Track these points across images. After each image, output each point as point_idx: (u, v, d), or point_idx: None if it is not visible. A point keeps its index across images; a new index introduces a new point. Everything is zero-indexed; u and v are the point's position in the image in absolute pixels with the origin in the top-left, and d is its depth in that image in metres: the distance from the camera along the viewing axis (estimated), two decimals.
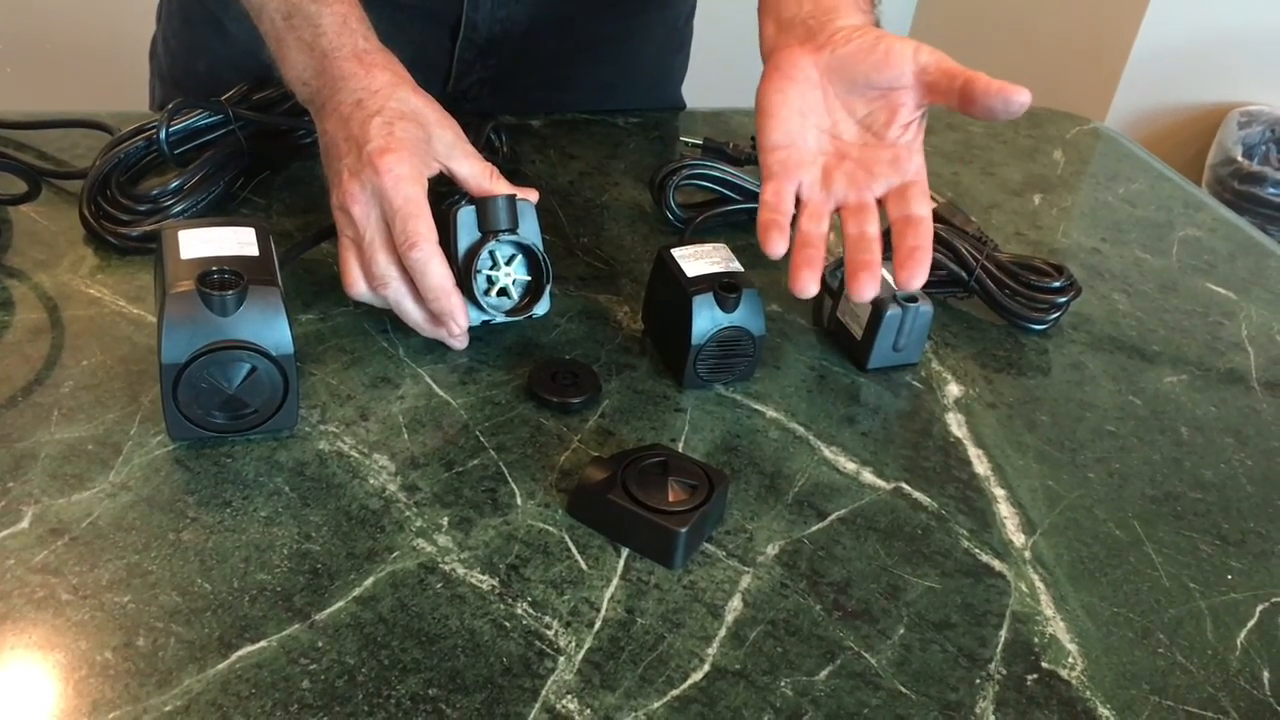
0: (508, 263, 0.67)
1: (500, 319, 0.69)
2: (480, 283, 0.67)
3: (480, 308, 0.67)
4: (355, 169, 0.64)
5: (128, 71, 1.16)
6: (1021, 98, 0.60)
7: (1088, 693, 0.53)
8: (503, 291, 0.68)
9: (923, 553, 0.60)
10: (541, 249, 0.68)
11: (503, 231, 0.66)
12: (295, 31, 0.69)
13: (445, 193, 0.68)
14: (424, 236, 0.63)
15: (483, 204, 0.66)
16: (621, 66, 1.04)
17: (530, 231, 0.68)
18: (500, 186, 0.68)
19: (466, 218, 0.66)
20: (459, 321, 0.66)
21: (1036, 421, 0.71)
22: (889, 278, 0.73)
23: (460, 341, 0.68)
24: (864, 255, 0.61)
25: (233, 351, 0.57)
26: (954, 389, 0.73)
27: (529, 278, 0.68)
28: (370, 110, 0.65)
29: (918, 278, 0.60)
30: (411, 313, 0.66)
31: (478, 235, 0.66)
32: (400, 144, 0.64)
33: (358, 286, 0.66)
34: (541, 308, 0.69)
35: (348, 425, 0.63)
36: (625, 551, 0.57)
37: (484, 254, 0.66)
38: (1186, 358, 0.80)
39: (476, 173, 0.68)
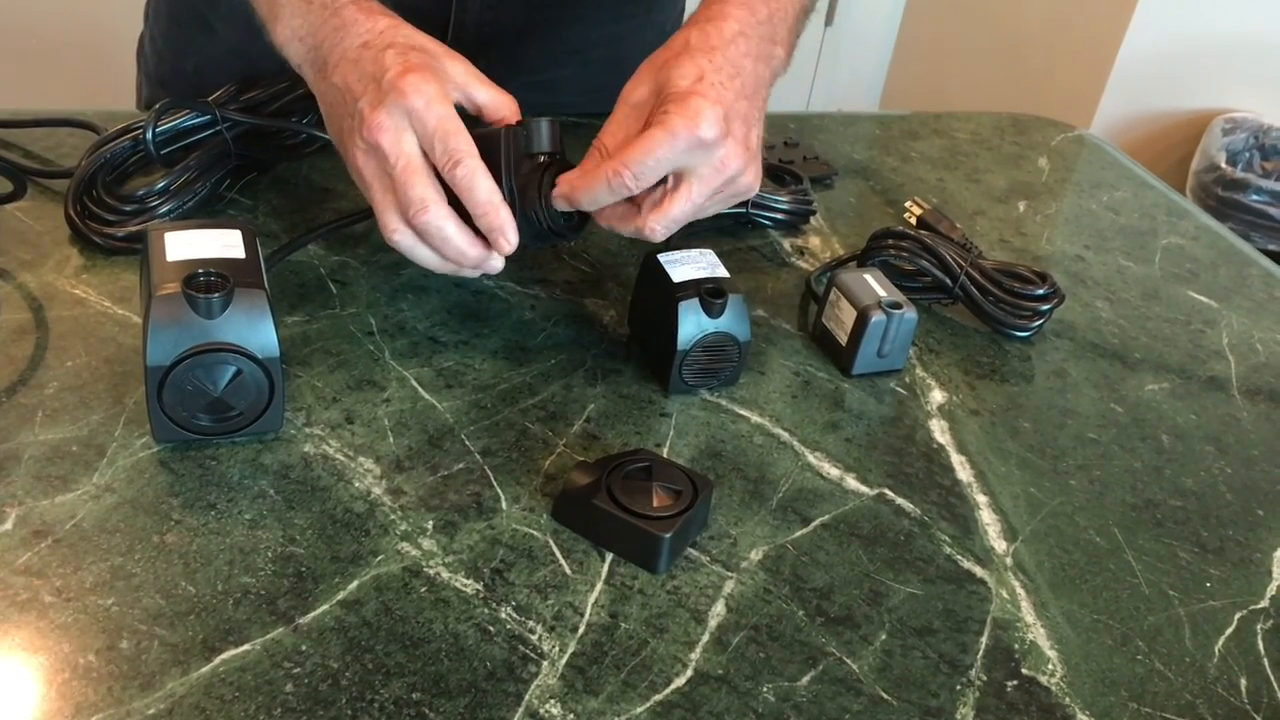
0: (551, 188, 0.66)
1: (541, 244, 0.68)
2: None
3: (531, 230, 0.66)
4: (377, 100, 0.62)
5: (114, 71, 1.16)
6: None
7: (1067, 699, 0.54)
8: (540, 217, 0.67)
9: (905, 559, 0.60)
10: None
11: (548, 154, 0.65)
12: None
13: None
14: (467, 152, 0.62)
15: (529, 126, 0.65)
16: (611, 69, 1.04)
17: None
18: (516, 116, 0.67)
19: (512, 139, 0.65)
20: (510, 237, 0.64)
21: (1019, 428, 0.72)
22: (876, 285, 0.74)
23: (499, 263, 0.67)
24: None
25: (218, 354, 0.57)
26: (937, 395, 0.74)
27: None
28: (380, 46, 0.64)
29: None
30: (454, 238, 0.64)
31: (524, 157, 0.65)
32: (419, 66, 0.62)
33: (396, 227, 0.64)
34: (579, 233, 0.69)
35: (333, 428, 0.63)
36: (609, 556, 0.58)
37: (541, 175, 0.65)
38: (1168, 365, 0.81)
39: (496, 99, 0.66)
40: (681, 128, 0.61)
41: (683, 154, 0.62)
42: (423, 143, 0.63)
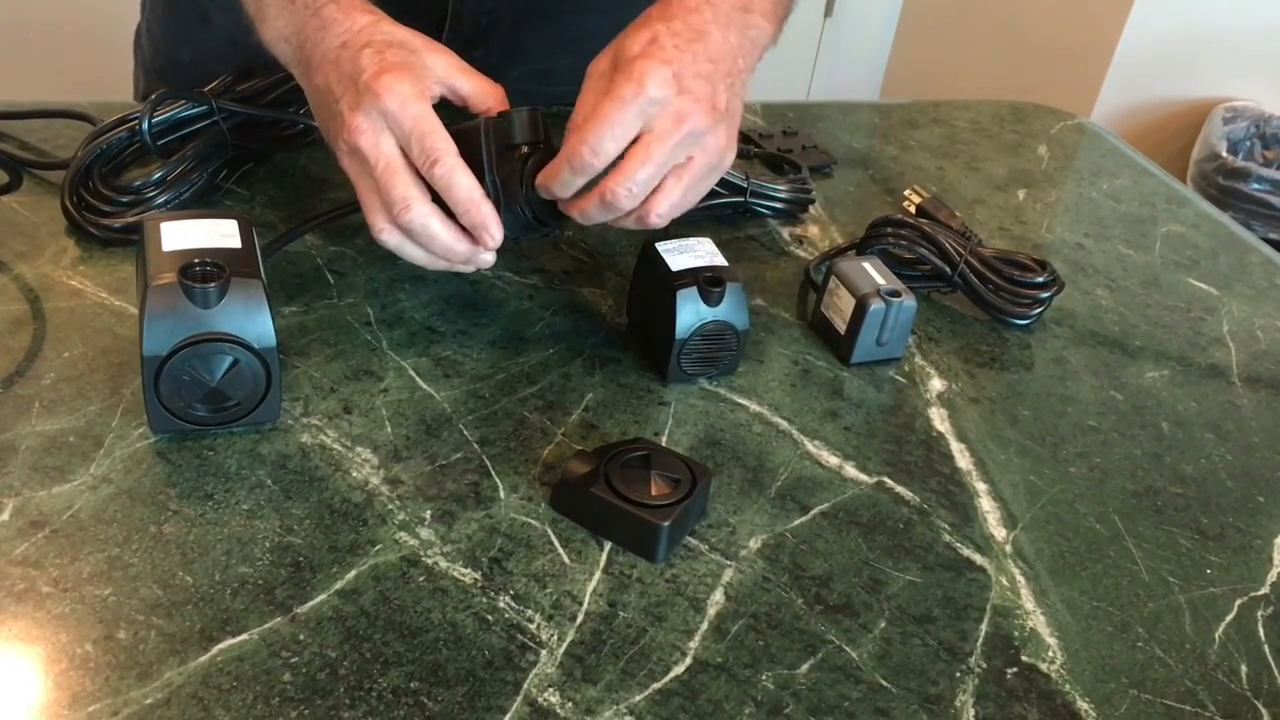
0: (533, 178, 0.65)
1: (530, 236, 0.67)
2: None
3: (518, 223, 0.65)
4: (355, 102, 0.62)
5: (111, 61, 1.15)
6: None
7: (1067, 686, 0.54)
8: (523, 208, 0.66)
9: (904, 547, 0.60)
10: None
11: (529, 144, 0.64)
12: None
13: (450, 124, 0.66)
14: (444, 150, 0.61)
15: (508, 117, 0.64)
16: None
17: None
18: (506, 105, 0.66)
19: (492, 131, 0.64)
20: (494, 233, 0.63)
21: (1019, 416, 0.72)
22: (875, 274, 0.74)
23: (490, 258, 0.66)
24: None
25: (215, 344, 0.57)
26: (937, 383, 0.73)
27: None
28: (357, 46, 0.63)
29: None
30: (440, 235, 0.64)
31: (506, 149, 0.64)
32: (395, 65, 0.62)
33: (383, 226, 0.64)
34: (566, 224, 0.67)
35: (330, 418, 0.63)
36: (608, 545, 0.57)
37: (523, 166, 0.64)
38: (1168, 353, 0.80)
39: (481, 90, 0.66)
40: (628, 89, 0.60)
41: (635, 117, 0.61)
42: (400, 143, 0.62)
